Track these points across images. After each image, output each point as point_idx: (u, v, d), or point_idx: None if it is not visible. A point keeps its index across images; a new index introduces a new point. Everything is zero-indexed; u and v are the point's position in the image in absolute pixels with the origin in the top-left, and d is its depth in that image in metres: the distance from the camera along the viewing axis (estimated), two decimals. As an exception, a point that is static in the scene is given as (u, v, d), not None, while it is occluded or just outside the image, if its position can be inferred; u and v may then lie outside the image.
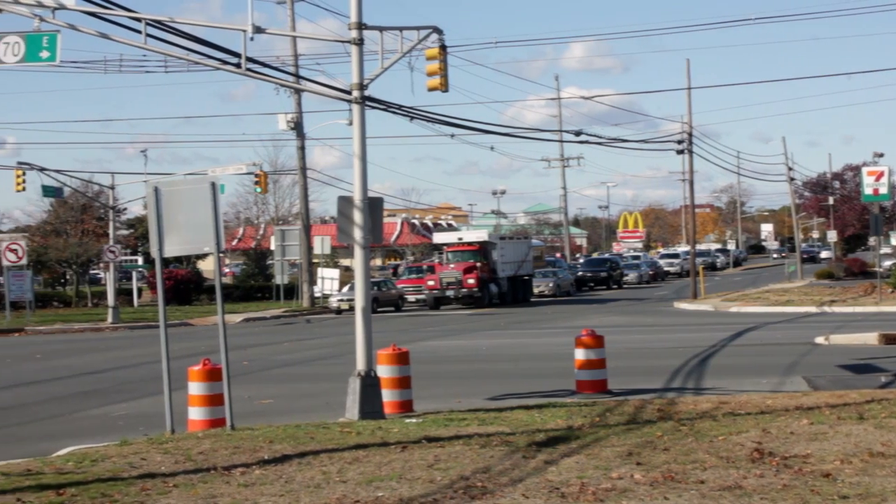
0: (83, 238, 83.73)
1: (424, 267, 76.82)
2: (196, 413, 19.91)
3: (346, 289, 68.61)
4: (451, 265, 67.93)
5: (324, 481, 14.02)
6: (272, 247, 75.81)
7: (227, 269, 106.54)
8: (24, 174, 61.01)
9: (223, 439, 17.55)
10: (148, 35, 21.10)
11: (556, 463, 14.75)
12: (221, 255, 19.79)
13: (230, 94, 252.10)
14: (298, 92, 65.04)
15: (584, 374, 24.69)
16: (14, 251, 61.08)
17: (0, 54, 20.64)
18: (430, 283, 67.77)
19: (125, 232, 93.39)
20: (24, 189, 61.47)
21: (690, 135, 67.51)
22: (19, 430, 22.99)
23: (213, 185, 19.32)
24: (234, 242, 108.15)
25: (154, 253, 19.50)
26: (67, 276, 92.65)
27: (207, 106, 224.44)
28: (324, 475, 14.40)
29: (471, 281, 66.09)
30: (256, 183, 69.38)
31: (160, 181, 20.99)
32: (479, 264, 67.05)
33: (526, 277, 73.87)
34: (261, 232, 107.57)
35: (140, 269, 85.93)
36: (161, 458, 16.08)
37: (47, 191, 66.52)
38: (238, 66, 21.91)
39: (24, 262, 62.01)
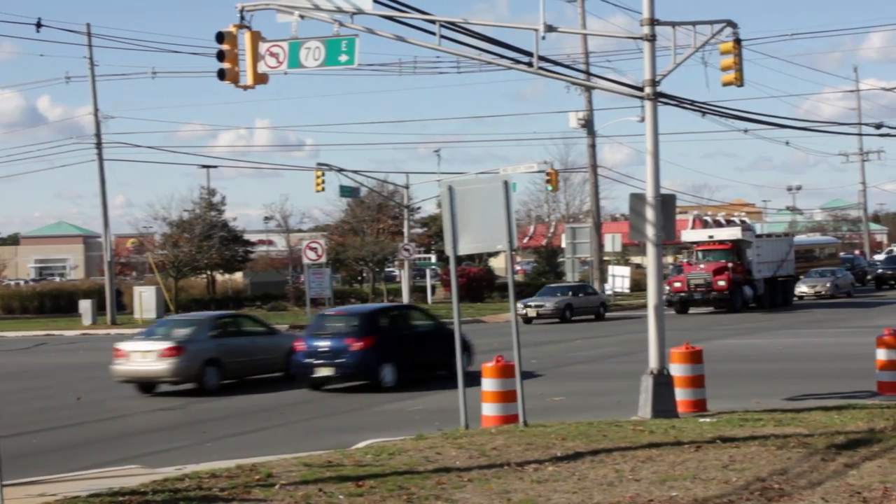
0: (379, 236, 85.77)
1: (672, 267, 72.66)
2: (489, 409, 20.12)
3: (536, 294, 65.10)
4: (701, 265, 62.27)
5: (617, 479, 13.97)
6: (563, 244, 75.91)
7: (518, 267, 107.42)
8: (323, 175, 63.00)
9: (516, 435, 17.69)
10: (442, 36, 21.44)
11: (856, 466, 14.30)
12: (513, 252, 19.96)
13: (519, 92, 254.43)
14: (589, 90, 64.95)
15: (885, 375, 23.81)
16: (314, 249, 63.09)
17: (302, 59, 21.33)
18: (676, 284, 61.18)
19: (419, 230, 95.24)
20: (323, 189, 63.51)
21: None
22: (321, 422, 23.77)
23: (506, 183, 19.51)
24: (526, 240, 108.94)
25: (448, 251, 19.82)
26: (364, 274, 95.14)
27: (497, 105, 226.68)
28: (617, 473, 14.36)
29: (721, 283, 60.29)
30: (547, 181, 69.56)
31: (454, 180, 21.33)
32: (730, 264, 61.43)
33: (786, 279, 67.38)
34: (552, 230, 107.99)
35: (433, 267, 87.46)
36: (455, 452, 16.33)
37: (345, 191, 68.50)
38: (530, 64, 22.03)
39: (323, 260, 63.95)
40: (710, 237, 65.42)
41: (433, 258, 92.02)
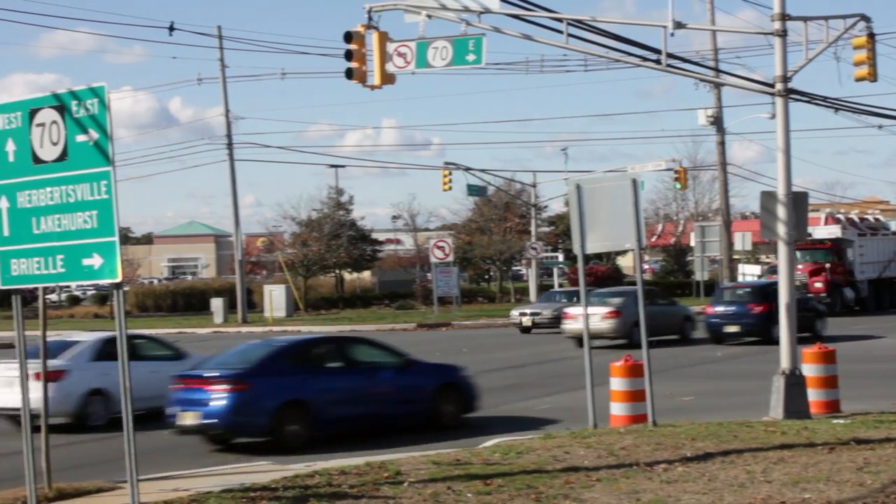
0: (506, 235, 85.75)
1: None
2: (617, 409, 20.01)
3: (539, 300, 59.41)
4: (799, 265, 53.53)
5: (748, 480, 13.80)
6: (691, 243, 75.23)
7: (646, 266, 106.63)
8: (450, 174, 63.22)
9: (645, 435, 17.57)
10: (569, 35, 21.37)
11: None
12: (641, 251, 19.83)
13: (646, 90, 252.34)
14: (718, 87, 64.14)
15: None
16: (441, 248, 63.34)
17: (429, 58, 21.42)
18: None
19: (546, 229, 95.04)
20: (450, 188, 63.73)
21: None
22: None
23: (634, 181, 19.40)
24: (654, 239, 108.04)
25: (576, 250, 19.76)
26: (491, 273, 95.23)
27: (624, 103, 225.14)
28: (748, 474, 14.18)
29: (818, 285, 55.82)
30: (676, 179, 68.95)
31: (581, 179, 21.27)
32: (829, 265, 57.12)
33: (894, 280, 61.92)
34: (680, 228, 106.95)
35: (561, 266, 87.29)
36: (584, 452, 16.27)
37: (472, 190, 68.62)
38: (658, 62, 21.87)
39: (450, 258, 64.15)
40: (809, 236, 58.35)
41: (560, 257, 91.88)
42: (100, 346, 25.23)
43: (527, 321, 50.95)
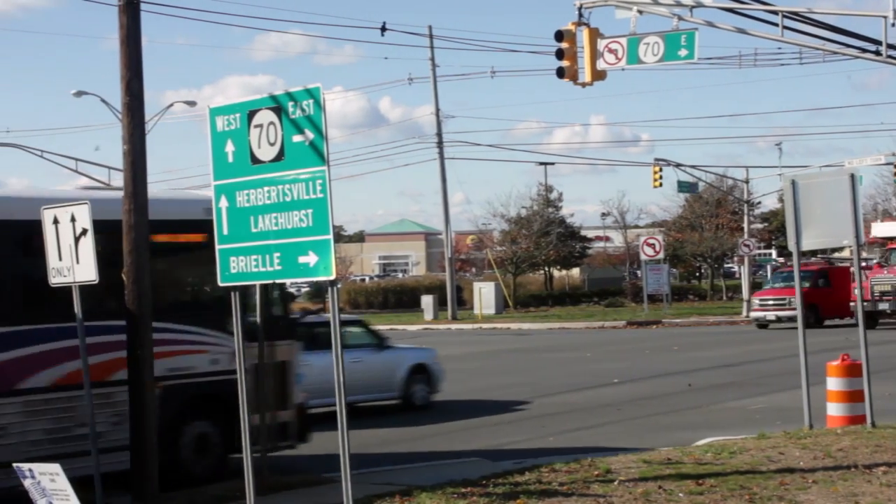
0: (717, 232, 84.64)
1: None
2: (834, 409, 19.51)
3: None
4: None
5: (976, 486, 13.32)
6: (912, 239, 72.90)
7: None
8: (660, 170, 62.64)
9: (863, 437, 17.12)
10: (784, 27, 21.00)
11: None
12: (860, 247, 19.33)
13: (863, 83, 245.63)
14: (939, 77, 62.16)
15: None
16: (651, 245, 62.88)
17: (640, 54, 21.30)
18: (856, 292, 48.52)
19: (759, 225, 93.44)
20: (660, 185, 63.14)
21: None
22: (660, 419, 23.63)
23: (853, 177, 18.92)
24: (872, 235, 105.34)
25: (791, 246, 19.39)
26: (702, 270, 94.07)
27: (839, 96, 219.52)
28: (976, 480, 13.69)
29: None
30: (895, 174, 67.08)
31: (797, 174, 20.84)
32: None
33: None
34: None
35: (774, 263, 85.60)
36: (799, 453, 15.94)
37: (682, 186, 67.92)
38: (877, 53, 21.32)
39: (660, 256, 63.65)
40: None
41: (774, 253, 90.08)
42: None
43: None
